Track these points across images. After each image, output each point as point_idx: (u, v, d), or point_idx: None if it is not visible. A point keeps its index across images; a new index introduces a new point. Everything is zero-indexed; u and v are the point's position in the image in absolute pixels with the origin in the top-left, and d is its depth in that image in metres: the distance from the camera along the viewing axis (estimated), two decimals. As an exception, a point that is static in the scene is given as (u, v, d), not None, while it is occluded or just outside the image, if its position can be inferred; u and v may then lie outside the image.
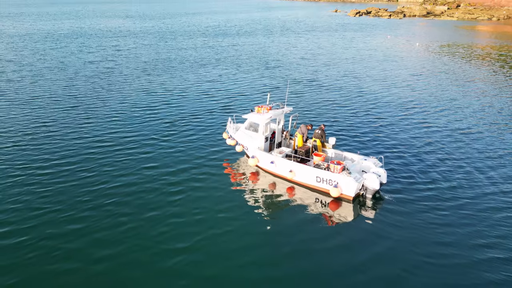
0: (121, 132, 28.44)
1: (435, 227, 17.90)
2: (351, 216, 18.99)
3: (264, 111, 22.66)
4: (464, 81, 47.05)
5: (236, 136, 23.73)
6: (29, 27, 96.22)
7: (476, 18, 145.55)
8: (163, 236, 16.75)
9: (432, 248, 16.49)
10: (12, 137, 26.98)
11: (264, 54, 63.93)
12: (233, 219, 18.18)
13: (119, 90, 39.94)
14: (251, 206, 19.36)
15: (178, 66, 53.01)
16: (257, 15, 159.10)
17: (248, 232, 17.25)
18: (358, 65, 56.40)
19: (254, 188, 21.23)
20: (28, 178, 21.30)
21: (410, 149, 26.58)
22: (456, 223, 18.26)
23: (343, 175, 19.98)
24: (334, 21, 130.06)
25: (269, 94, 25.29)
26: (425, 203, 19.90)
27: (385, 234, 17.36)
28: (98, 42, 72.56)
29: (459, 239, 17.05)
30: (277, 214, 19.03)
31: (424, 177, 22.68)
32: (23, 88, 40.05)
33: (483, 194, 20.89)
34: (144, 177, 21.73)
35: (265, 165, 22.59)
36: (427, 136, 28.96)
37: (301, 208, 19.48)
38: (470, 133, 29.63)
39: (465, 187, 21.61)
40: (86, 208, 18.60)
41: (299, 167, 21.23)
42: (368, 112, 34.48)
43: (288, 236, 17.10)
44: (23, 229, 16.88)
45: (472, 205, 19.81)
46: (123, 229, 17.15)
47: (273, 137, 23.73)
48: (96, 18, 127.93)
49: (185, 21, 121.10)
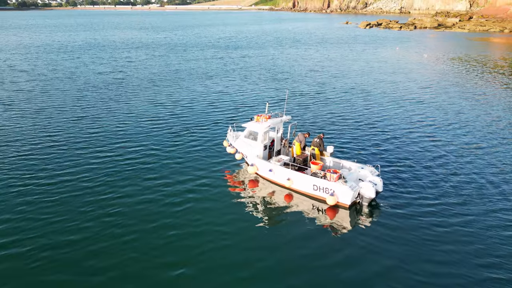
0: (125, 141, 29.03)
1: (429, 236, 17.93)
2: (348, 223, 19.13)
3: (263, 120, 23.07)
4: (473, 94, 46.82)
5: (236, 144, 24.16)
6: (45, 38, 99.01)
7: (488, 30, 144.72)
8: (163, 248, 16.68)
9: (425, 255, 16.53)
10: (18, 147, 27.74)
11: (273, 65, 64.66)
12: (233, 229, 18.24)
13: (127, 100, 40.78)
14: (250, 215, 19.54)
15: (187, 77, 53.96)
16: (268, 27, 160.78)
17: (246, 243, 17.31)
18: (365, 77, 56.64)
19: (253, 196, 21.47)
20: (30, 188, 21.73)
21: (409, 160, 26.55)
22: (451, 232, 18.30)
23: (339, 184, 20.11)
24: (344, 33, 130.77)
25: (268, 103, 25.71)
26: (420, 211, 19.91)
27: (380, 243, 17.43)
28: (110, 54, 74.29)
29: (454, 246, 17.11)
30: (275, 223, 19.16)
31: (421, 187, 22.69)
32: (33, 98, 41.28)
33: (480, 206, 20.76)
34: (145, 187, 21.85)
35: (264, 173, 22.90)
36: (429, 148, 28.88)
37: (299, 216, 19.66)
38: (472, 147, 29.46)
39: (461, 197, 21.56)
40: (87, 219, 18.82)
41: (297, 175, 21.46)
42: (371, 123, 34.59)
43: (287, 244, 17.23)
44: (22, 239, 17.10)
45: (468, 216, 19.75)
46: (121, 240, 17.23)
47: (272, 145, 24.08)
48: (110, 29, 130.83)
49: (197, 33, 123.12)
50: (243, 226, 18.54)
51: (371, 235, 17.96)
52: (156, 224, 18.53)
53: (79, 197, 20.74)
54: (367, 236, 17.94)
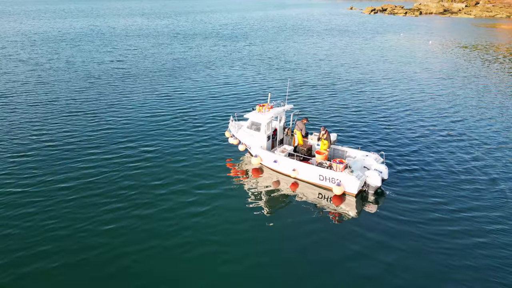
0: (124, 132, 28.60)
1: (436, 224, 17.97)
2: (354, 211, 19.21)
3: (266, 110, 22.66)
4: (477, 81, 46.22)
5: (239, 135, 23.77)
6: (43, 26, 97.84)
7: (494, 15, 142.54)
8: (167, 241, 16.51)
9: (432, 243, 16.57)
10: (12, 147, 26.05)
11: (276, 54, 63.85)
12: (238, 219, 18.09)
13: (126, 89, 40.00)
14: (255, 204, 19.35)
15: (187, 66, 53.27)
16: (272, 13, 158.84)
17: (253, 231, 17.21)
18: (368, 65, 55.93)
19: (257, 186, 21.25)
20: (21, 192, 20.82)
21: (413, 146, 26.49)
22: (458, 218, 18.47)
23: (346, 174, 20.05)
24: (349, 19, 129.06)
25: (270, 93, 25.07)
26: (427, 198, 20.05)
27: (387, 231, 17.45)
28: (109, 42, 73.44)
29: (461, 232, 17.26)
30: (281, 212, 19.03)
31: (426, 172, 22.83)
32: (29, 89, 40.38)
33: (484, 190, 20.91)
34: (144, 179, 21.33)
35: (268, 163, 22.63)
36: (433, 134, 28.70)
37: (305, 204, 19.63)
38: (475, 132, 29.14)
39: (467, 183, 21.67)
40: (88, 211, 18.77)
41: (302, 166, 21.29)
42: (373, 110, 34.22)
43: (294, 234, 17.14)
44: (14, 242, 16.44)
45: (473, 200, 19.98)
46: (111, 227, 17.14)
47: (275, 135, 23.73)
48: (110, 17, 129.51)
49: (199, 20, 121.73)
50: (249, 216, 18.37)
51: (378, 223, 17.98)
52: (158, 215, 18.22)
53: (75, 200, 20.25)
54: (373, 224, 17.93)
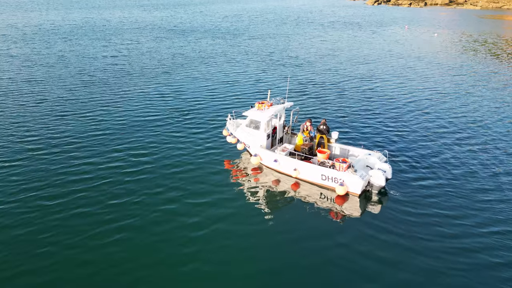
0: (121, 130, 27.65)
1: (442, 224, 17.51)
2: (358, 212, 18.50)
3: (265, 107, 21.58)
4: (482, 76, 45.06)
5: (237, 134, 22.66)
6: (37, 18, 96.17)
7: (501, 7, 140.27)
8: (164, 239, 15.98)
9: (436, 241, 16.20)
10: (7, 136, 26.21)
11: (276, 48, 62.58)
12: (239, 220, 17.41)
13: (122, 86, 38.98)
14: (255, 206, 18.53)
15: (184, 62, 52.18)
16: (273, 3, 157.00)
17: (253, 235, 16.51)
18: (371, 60, 54.64)
19: (257, 185, 20.39)
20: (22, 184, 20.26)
21: (416, 144, 25.68)
22: (462, 216, 18.09)
23: (349, 173, 19.19)
24: (352, 10, 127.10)
25: (270, 91, 23.92)
26: (431, 197, 19.53)
27: (390, 230, 17.01)
28: (105, 36, 72.22)
29: (465, 232, 16.95)
30: (282, 213, 18.25)
31: (431, 171, 22.18)
32: (20, 86, 39.68)
33: (490, 190, 20.33)
34: (141, 178, 20.59)
35: (269, 163, 21.66)
36: (437, 132, 27.77)
37: (307, 204, 18.89)
38: (485, 134, 28.17)
39: (473, 182, 21.13)
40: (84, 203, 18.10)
41: (304, 166, 20.38)
42: (376, 107, 33.20)
43: (296, 236, 16.53)
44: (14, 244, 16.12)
45: (478, 199, 19.47)
46: (113, 227, 16.67)
47: (275, 133, 22.69)
48: (106, 8, 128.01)
49: (199, 11, 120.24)
50: (250, 215, 17.72)
51: (383, 223, 17.41)
52: (156, 215, 17.58)
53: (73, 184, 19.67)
54: (378, 224, 17.36)
